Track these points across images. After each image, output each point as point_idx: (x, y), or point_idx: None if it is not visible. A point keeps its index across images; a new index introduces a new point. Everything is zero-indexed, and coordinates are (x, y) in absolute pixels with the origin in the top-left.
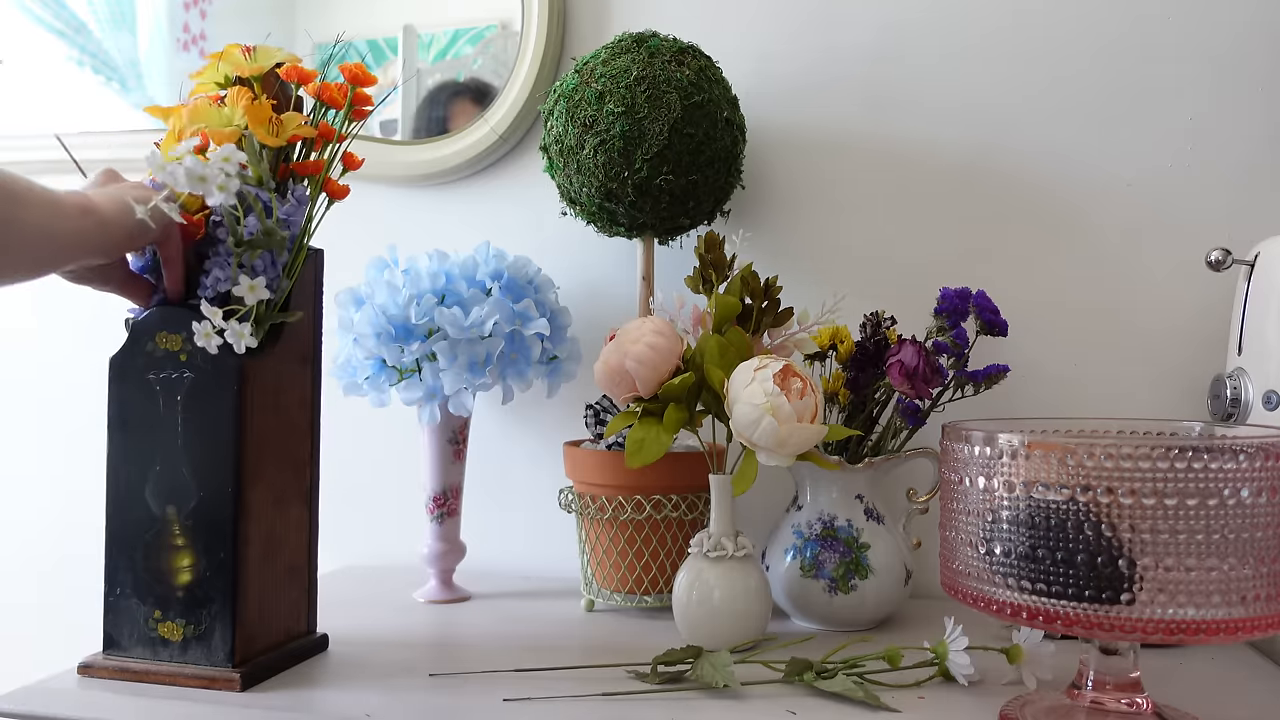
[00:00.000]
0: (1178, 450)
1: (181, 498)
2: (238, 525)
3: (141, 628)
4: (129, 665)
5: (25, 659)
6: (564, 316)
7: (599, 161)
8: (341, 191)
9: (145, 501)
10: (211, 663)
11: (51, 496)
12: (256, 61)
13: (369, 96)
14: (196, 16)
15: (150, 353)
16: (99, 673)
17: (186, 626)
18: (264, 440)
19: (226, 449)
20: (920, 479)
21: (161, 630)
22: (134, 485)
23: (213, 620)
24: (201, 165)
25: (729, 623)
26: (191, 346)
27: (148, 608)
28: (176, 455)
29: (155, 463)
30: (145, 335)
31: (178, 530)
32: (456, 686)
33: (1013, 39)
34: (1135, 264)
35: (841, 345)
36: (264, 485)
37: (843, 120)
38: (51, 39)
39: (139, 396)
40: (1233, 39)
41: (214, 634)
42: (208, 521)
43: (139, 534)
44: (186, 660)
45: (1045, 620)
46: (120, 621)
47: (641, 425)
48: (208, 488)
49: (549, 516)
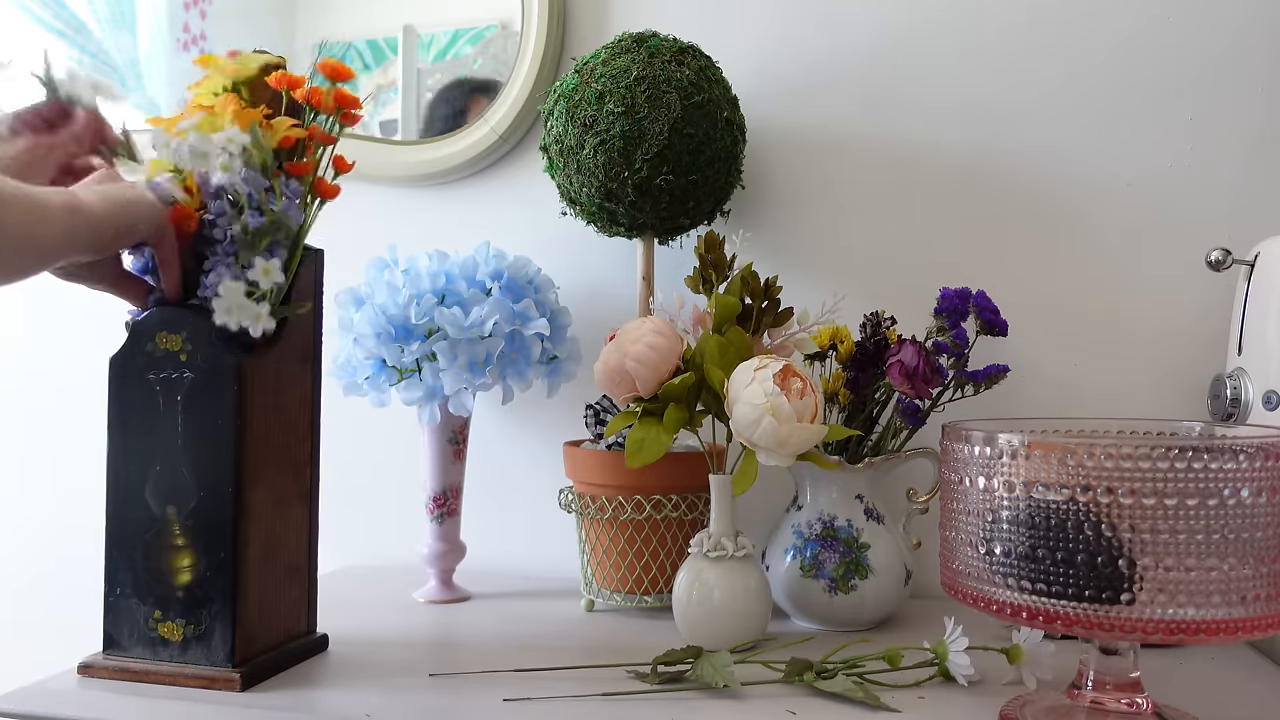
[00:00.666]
0: (1178, 450)
1: (182, 498)
2: (238, 525)
3: (141, 628)
4: (129, 665)
5: (24, 660)
6: (564, 316)
7: (599, 161)
8: (332, 191)
9: (145, 501)
10: (211, 663)
11: (47, 497)
12: (242, 66)
13: (354, 98)
14: (196, 16)
15: (150, 353)
16: (99, 673)
17: (187, 626)
18: (264, 440)
19: (227, 449)
20: (920, 479)
21: (161, 630)
22: (134, 485)
23: (213, 620)
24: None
25: (729, 623)
26: (191, 346)
27: (148, 608)
28: (177, 455)
29: (155, 463)
30: (145, 335)
31: (178, 530)
32: (456, 686)
33: (1013, 40)
34: (1135, 264)
35: (841, 345)
36: (264, 485)
37: (843, 120)
38: (51, 39)
39: (139, 396)
40: (1233, 39)
41: (214, 634)
42: (208, 521)
43: (139, 534)
44: (187, 660)
45: (1045, 620)
46: (120, 621)
47: (641, 425)
48: (208, 487)
49: (549, 516)
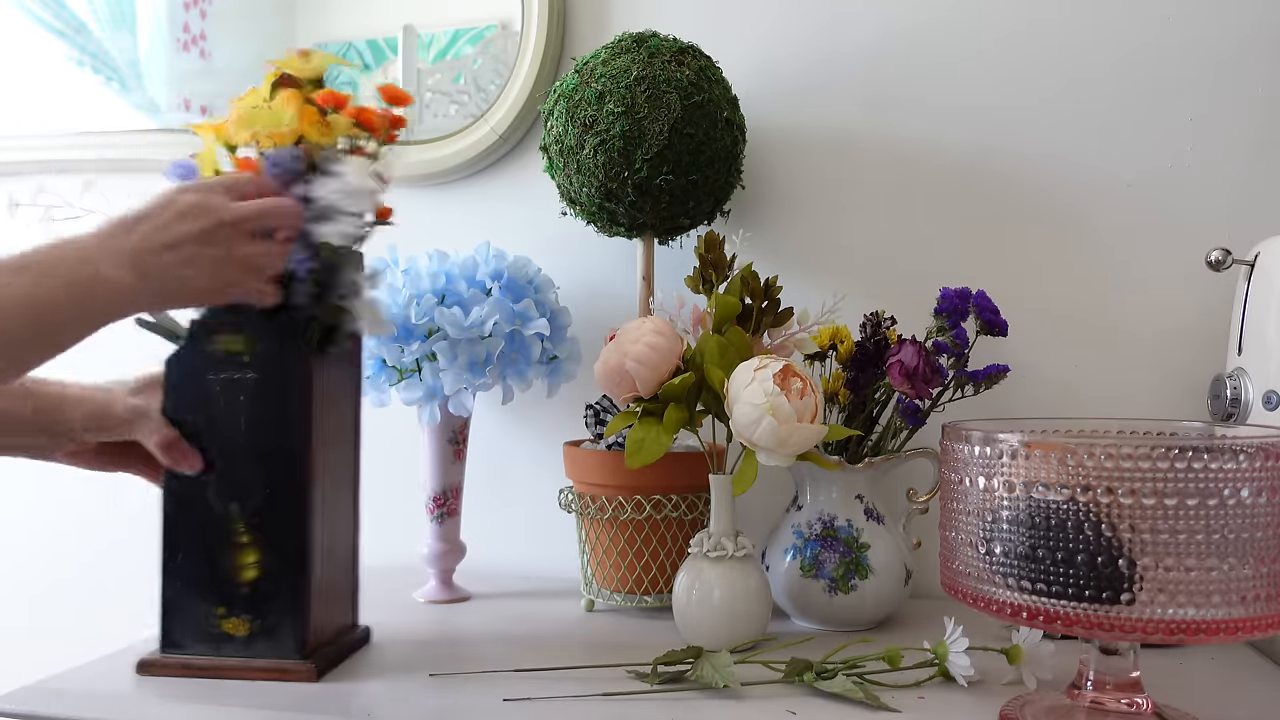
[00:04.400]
0: (1178, 450)
1: (246, 496)
2: (308, 521)
3: (203, 625)
4: (191, 661)
5: (23, 660)
6: (564, 316)
7: (599, 161)
8: (386, 213)
9: (206, 500)
10: (279, 655)
11: (41, 499)
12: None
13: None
14: (196, 16)
15: (211, 353)
16: (159, 670)
17: (253, 621)
18: (325, 438)
19: (297, 447)
20: (920, 479)
21: (225, 626)
22: (192, 485)
23: (281, 614)
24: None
25: (729, 623)
26: (255, 347)
27: (209, 605)
28: (240, 454)
29: (217, 461)
30: (205, 336)
31: (242, 528)
32: (456, 686)
33: (1014, 41)
34: (1135, 264)
35: (841, 345)
36: (324, 482)
37: (843, 120)
38: (51, 39)
39: (197, 397)
40: (1233, 39)
41: (282, 627)
42: (275, 518)
43: (199, 533)
44: (253, 654)
45: (1045, 620)
46: (179, 619)
47: (641, 425)
48: (274, 485)
49: (549, 516)
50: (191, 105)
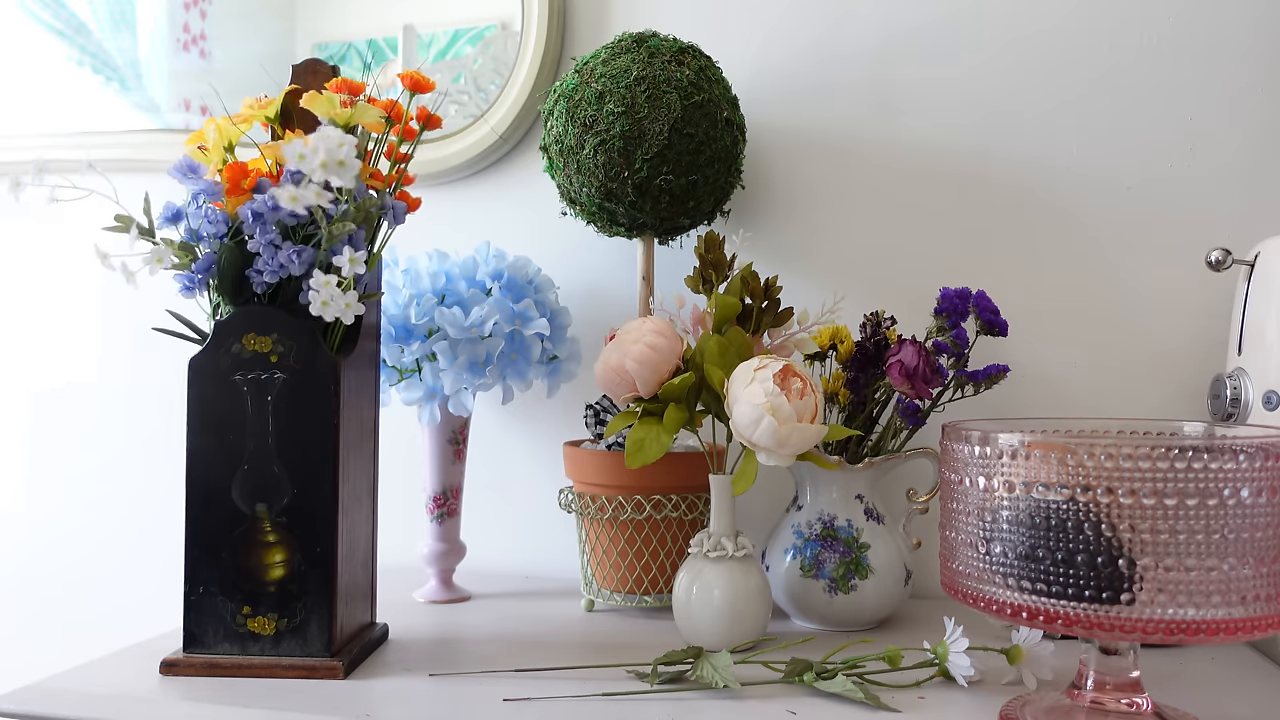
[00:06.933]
0: (1178, 450)
1: (273, 495)
2: (336, 520)
3: (228, 624)
4: (217, 660)
5: (23, 660)
6: (564, 316)
7: (599, 161)
8: (415, 204)
9: (232, 500)
10: (307, 654)
11: (45, 499)
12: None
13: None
14: (196, 16)
15: (237, 354)
16: (184, 670)
17: (280, 620)
18: (349, 438)
19: (326, 447)
20: (920, 479)
21: (251, 625)
22: (218, 484)
23: (308, 613)
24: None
25: (729, 623)
26: (284, 348)
27: (235, 604)
28: (268, 454)
29: (243, 462)
30: (230, 336)
31: (269, 527)
32: (456, 686)
33: (1014, 42)
34: (1135, 264)
35: (841, 345)
36: (350, 481)
37: (843, 120)
38: (51, 39)
39: (223, 397)
40: (1233, 39)
41: (309, 626)
42: (303, 517)
43: (225, 532)
44: (280, 653)
45: (1045, 620)
46: (203, 619)
47: (641, 425)
48: (302, 484)
49: (549, 516)
50: (191, 105)
